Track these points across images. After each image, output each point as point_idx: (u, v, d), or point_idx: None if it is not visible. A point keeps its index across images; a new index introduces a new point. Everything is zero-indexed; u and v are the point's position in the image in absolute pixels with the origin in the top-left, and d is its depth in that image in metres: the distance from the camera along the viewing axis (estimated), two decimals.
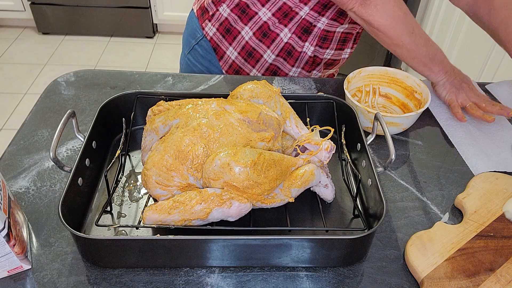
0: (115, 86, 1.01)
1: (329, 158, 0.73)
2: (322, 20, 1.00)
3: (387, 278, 0.64)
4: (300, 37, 1.03)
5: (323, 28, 1.01)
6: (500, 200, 0.74)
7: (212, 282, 0.63)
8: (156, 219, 0.64)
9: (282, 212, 0.71)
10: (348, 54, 1.10)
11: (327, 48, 1.06)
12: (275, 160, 0.66)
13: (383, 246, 0.69)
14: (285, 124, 0.76)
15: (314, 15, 1.00)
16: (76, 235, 0.59)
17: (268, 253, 0.63)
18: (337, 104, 0.84)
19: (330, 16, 1.00)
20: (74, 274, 0.63)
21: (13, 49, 3.02)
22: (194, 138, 0.66)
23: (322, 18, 1.00)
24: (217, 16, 1.07)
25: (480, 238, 0.68)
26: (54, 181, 0.77)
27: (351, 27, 1.04)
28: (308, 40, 1.03)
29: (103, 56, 2.98)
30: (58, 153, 0.83)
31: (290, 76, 1.09)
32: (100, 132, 0.79)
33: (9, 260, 0.61)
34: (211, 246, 0.61)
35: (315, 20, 1.00)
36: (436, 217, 0.74)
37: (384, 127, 0.73)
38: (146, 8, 3.04)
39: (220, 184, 0.64)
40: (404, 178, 0.81)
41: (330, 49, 1.06)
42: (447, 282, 0.62)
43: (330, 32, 1.03)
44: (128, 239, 0.62)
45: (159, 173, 0.66)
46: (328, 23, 1.01)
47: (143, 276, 0.63)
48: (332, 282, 0.64)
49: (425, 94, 0.90)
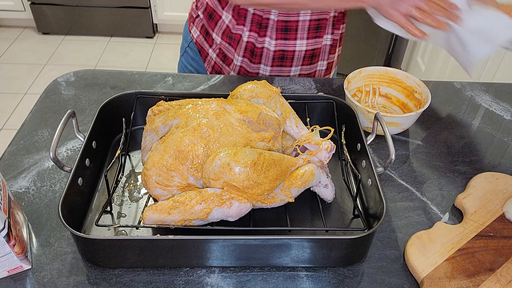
0: (115, 86, 1.01)
1: (329, 158, 0.73)
2: (272, 11, 0.97)
3: (387, 278, 0.64)
4: (258, 32, 1.01)
5: (278, 19, 0.98)
6: (500, 200, 0.74)
7: (212, 282, 0.63)
8: (156, 219, 0.64)
9: (282, 212, 0.71)
10: (330, 40, 1.06)
11: (296, 39, 1.02)
12: (275, 160, 0.66)
13: (383, 246, 0.69)
14: (285, 124, 0.76)
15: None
16: (76, 235, 0.59)
17: (268, 253, 0.63)
18: (337, 104, 0.84)
19: None
20: (74, 274, 0.63)
21: (13, 49, 3.02)
22: (194, 138, 0.66)
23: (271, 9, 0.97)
24: (198, 20, 1.10)
25: (480, 238, 0.68)
26: (54, 181, 0.77)
27: (320, 12, 1.00)
28: (267, 34, 1.01)
29: (103, 56, 2.98)
30: (58, 153, 0.83)
31: (260, 75, 1.07)
32: (100, 132, 0.79)
33: (9, 260, 0.61)
34: (211, 246, 0.61)
35: (264, 12, 0.98)
36: (436, 217, 0.74)
37: (384, 127, 0.73)
38: (146, 8, 3.04)
39: (220, 184, 0.64)
40: (404, 178, 0.81)
41: (301, 39, 1.02)
42: (447, 282, 0.62)
43: (291, 22, 0.99)
44: (128, 239, 0.62)
45: (159, 173, 0.66)
46: (281, 13, 0.98)
47: (143, 276, 0.63)
48: (332, 282, 0.64)
49: (425, 94, 0.90)
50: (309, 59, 1.07)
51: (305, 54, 1.05)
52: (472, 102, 1.02)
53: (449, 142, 0.90)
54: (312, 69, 1.10)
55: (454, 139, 0.91)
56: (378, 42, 2.53)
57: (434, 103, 1.00)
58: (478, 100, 1.03)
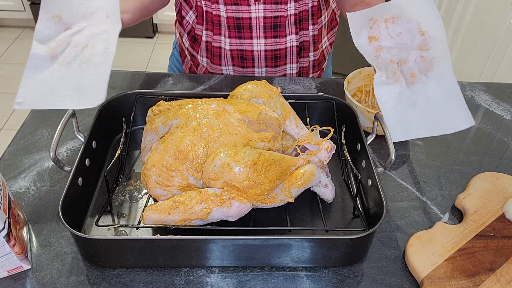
0: (115, 86, 1.01)
1: (329, 158, 0.73)
2: (219, 7, 0.95)
3: (387, 278, 0.64)
4: (212, 31, 0.99)
5: (227, 16, 0.95)
6: (500, 200, 0.74)
7: (212, 282, 0.63)
8: (156, 219, 0.64)
9: (282, 212, 0.71)
10: (296, 41, 1.00)
11: (252, 38, 0.99)
12: (275, 160, 0.66)
13: (383, 246, 0.69)
14: (285, 124, 0.76)
15: (208, 3, 0.96)
16: (76, 235, 0.59)
17: (268, 253, 0.63)
18: (337, 104, 0.84)
19: (223, 2, 0.94)
20: (74, 274, 0.63)
21: (13, 49, 3.02)
22: (194, 138, 0.66)
23: (218, 5, 0.95)
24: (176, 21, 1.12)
25: (480, 238, 0.68)
26: (54, 181, 0.77)
27: (274, 9, 0.95)
28: (221, 33, 0.98)
29: None
30: (58, 153, 0.83)
31: (225, 75, 1.06)
32: (100, 132, 0.79)
33: (9, 260, 0.61)
34: (211, 246, 0.61)
35: (213, 9, 0.96)
36: (436, 217, 0.74)
37: (384, 127, 0.73)
38: None
39: (220, 184, 0.64)
40: (404, 178, 0.81)
41: (257, 38, 0.99)
42: (447, 282, 0.62)
43: (242, 19, 0.95)
44: (128, 239, 0.62)
45: (159, 173, 0.66)
46: (229, 9, 0.95)
47: (143, 276, 0.63)
48: (332, 282, 0.64)
49: None
50: (273, 60, 1.03)
51: (266, 55, 1.01)
52: (472, 102, 1.02)
53: (449, 142, 0.90)
54: (279, 72, 1.06)
55: (454, 139, 0.91)
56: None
57: None
58: (478, 100, 1.03)
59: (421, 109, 0.74)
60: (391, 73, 0.75)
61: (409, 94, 0.74)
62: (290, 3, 0.95)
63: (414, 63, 0.77)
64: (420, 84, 0.75)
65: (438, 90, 0.75)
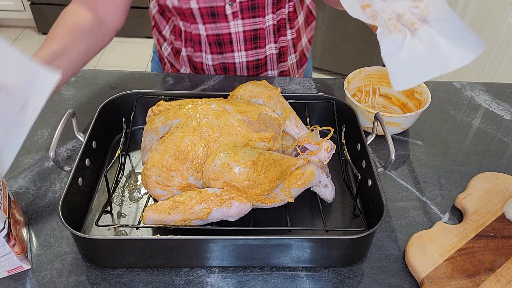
0: (115, 86, 1.01)
1: (329, 158, 0.73)
2: (198, 27, 0.96)
3: (387, 278, 0.64)
4: (193, 47, 1.01)
5: (207, 33, 0.96)
6: (500, 200, 0.74)
7: (212, 282, 0.63)
8: (156, 219, 0.64)
9: (282, 212, 0.71)
10: (276, 49, 1.02)
11: (233, 52, 0.99)
12: (275, 160, 0.66)
13: (383, 246, 0.69)
14: (285, 124, 0.76)
15: (186, 24, 0.96)
16: (76, 235, 0.59)
17: (268, 253, 0.63)
18: (337, 104, 0.84)
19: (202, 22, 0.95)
20: (74, 274, 0.63)
21: None
22: (194, 138, 0.66)
23: (197, 25, 0.96)
24: (154, 30, 1.12)
25: (480, 238, 0.68)
26: (54, 181, 0.77)
27: (252, 23, 0.95)
28: (202, 49, 1.00)
29: (103, 56, 2.98)
30: (58, 153, 0.83)
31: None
32: (100, 132, 0.79)
33: (9, 260, 0.61)
34: (211, 246, 0.61)
35: (191, 28, 0.96)
36: (436, 217, 0.74)
37: (384, 127, 0.73)
38: (146, 8, 3.04)
39: (220, 184, 0.64)
40: (404, 178, 0.81)
41: (238, 51, 0.99)
42: (447, 282, 0.62)
43: (222, 35, 0.96)
44: (128, 239, 0.62)
45: (159, 173, 0.66)
46: (209, 27, 0.95)
47: (143, 276, 0.63)
48: (332, 282, 0.64)
49: (425, 94, 0.90)
50: (254, 69, 1.05)
51: (247, 65, 1.03)
52: (472, 102, 1.02)
53: (449, 142, 0.90)
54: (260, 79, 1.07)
55: (454, 139, 0.91)
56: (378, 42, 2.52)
57: (434, 103, 1.00)
58: (478, 100, 1.03)
59: (431, 49, 0.71)
60: (392, 27, 0.74)
61: (416, 41, 0.72)
62: (268, 15, 0.96)
63: (411, 14, 0.76)
64: (422, 28, 0.73)
65: (441, 27, 0.73)
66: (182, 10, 0.93)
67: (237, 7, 0.92)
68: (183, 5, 0.91)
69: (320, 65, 2.77)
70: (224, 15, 0.93)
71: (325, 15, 2.52)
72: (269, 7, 0.95)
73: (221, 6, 0.91)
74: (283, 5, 0.97)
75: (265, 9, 0.94)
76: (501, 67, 1.76)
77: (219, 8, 0.92)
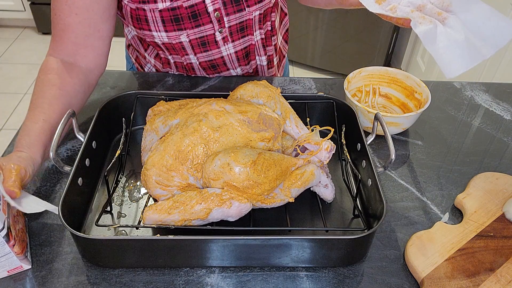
0: (115, 86, 1.01)
1: (329, 158, 0.73)
2: (190, 57, 0.96)
3: (387, 278, 0.64)
4: (187, 73, 1.03)
5: (200, 61, 0.97)
6: (500, 200, 0.74)
7: (212, 282, 0.63)
8: (156, 219, 0.64)
9: (282, 212, 0.71)
10: (265, 60, 1.04)
11: (228, 70, 1.01)
12: (275, 160, 0.66)
13: (383, 246, 0.69)
14: (285, 124, 0.76)
15: (176, 56, 0.97)
16: (76, 235, 0.59)
17: (268, 253, 0.63)
18: (337, 104, 0.84)
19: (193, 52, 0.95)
20: (74, 274, 0.63)
21: (13, 49, 3.02)
22: (194, 138, 0.66)
23: (189, 56, 0.96)
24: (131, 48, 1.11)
25: (480, 238, 0.68)
26: (54, 181, 0.77)
27: (242, 42, 0.96)
28: (196, 73, 1.02)
29: None
30: (58, 153, 0.83)
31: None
32: (100, 132, 0.79)
33: (8, 260, 0.61)
34: (211, 246, 0.61)
35: (183, 59, 0.97)
36: (436, 217, 0.74)
37: (384, 127, 0.73)
38: None
39: (220, 184, 0.64)
40: (404, 178, 0.81)
41: (233, 68, 1.01)
42: (447, 282, 0.62)
43: (215, 59, 0.97)
44: (128, 239, 0.62)
45: (159, 173, 0.66)
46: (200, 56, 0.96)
47: (143, 276, 0.63)
48: (332, 282, 0.64)
49: (425, 94, 0.90)
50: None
51: (242, 75, 1.05)
52: (472, 102, 1.02)
53: (449, 142, 0.90)
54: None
55: (454, 139, 0.91)
56: (378, 42, 2.53)
57: (434, 103, 1.00)
58: (478, 100, 1.03)
59: (469, 35, 0.69)
60: (420, 18, 0.73)
61: (449, 30, 0.71)
62: (256, 31, 0.97)
63: (431, 5, 0.75)
64: (450, 17, 0.72)
65: (469, 15, 0.72)
66: (172, 45, 0.93)
67: (226, 32, 0.93)
68: (173, 40, 0.91)
69: (320, 65, 2.77)
70: (214, 42, 0.94)
71: (325, 15, 2.52)
72: (257, 24, 0.96)
73: (211, 34, 0.92)
74: (268, 18, 0.99)
75: (253, 27, 0.96)
76: (501, 67, 1.76)
77: (209, 37, 0.92)
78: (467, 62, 0.67)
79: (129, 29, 0.99)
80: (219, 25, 0.90)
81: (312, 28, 2.60)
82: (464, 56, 0.68)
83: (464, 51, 0.68)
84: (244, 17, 0.92)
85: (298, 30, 2.63)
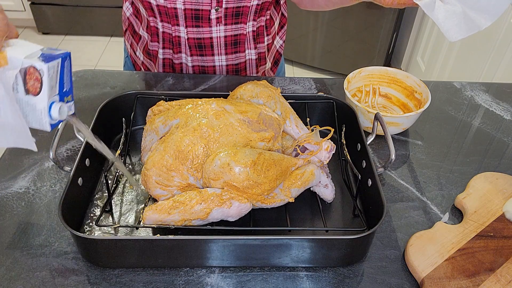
0: (115, 86, 1.01)
1: (329, 158, 0.73)
2: (180, 29, 0.96)
3: (387, 278, 0.64)
4: (172, 49, 1.01)
5: (188, 37, 0.97)
6: (500, 200, 0.74)
7: (212, 282, 0.63)
8: (156, 219, 0.64)
9: (282, 212, 0.71)
10: (255, 54, 1.04)
11: (213, 55, 1.01)
12: (275, 160, 0.66)
13: (383, 246, 0.69)
14: (285, 124, 0.76)
15: (167, 25, 0.96)
16: (76, 235, 0.59)
17: (268, 253, 0.63)
18: (337, 104, 0.84)
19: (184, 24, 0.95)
20: (74, 274, 0.63)
21: None
22: (194, 138, 0.66)
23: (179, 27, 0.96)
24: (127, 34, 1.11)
25: (480, 238, 0.68)
26: (54, 181, 0.77)
27: (234, 28, 0.97)
28: (181, 51, 1.01)
29: (103, 56, 2.98)
30: (58, 153, 0.83)
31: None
32: (100, 132, 0.79)
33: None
34: (211, 246, 0.61)
35: (173, 30, 0.97)
36: (436, 217, 0.74)
37: (384, 127, 0.73)
38: None
39: (220, 184, 0.64)
40: (404, 178, 0.81)
41: (219, 55, 1.01)
42: (447, 282, 0.62)
43: (204, 39, 0.97)
44: (128, 239, 0.62)
45: (159, 173, 0.66)
46: (190, 31, 0.95)
47: (143, 276, 0.63)
48: (332, 282, 0.64)
49: (425, 94, 0.90)
50: (234, 72, 1.07)
51: (227, 69, 1.05)
52: (472, 102, 1.02)
53: (449, 142, 0.90)
54: None
55: (454, 139, 0.91)
56: (378, 42, 2.53)
57: (434, 103, 1.00)
58: (478, 100, 1.03)
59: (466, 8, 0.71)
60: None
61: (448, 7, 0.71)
62: (249, 21, 0.98)
63: None
64: None
65: None
66: (166, 9, 0.92)
67: (221, 13, 0.93)
68: (168, 4, 0.91)
69: (320, 65, 2.77)
70: (208, 19, 0.94)
71: (325, 15, 2.52)
72: (252, 15, 0.97)
73: (207, 10, 0.92)
74: (263, 13, 0.99)
75: (247, 16, 0.96)
76: (501, 67, 1.76)
77: (204, 12, 0.92)
78: (465, 31, 0.70)
79: (127, 4, 1.02)
80: (217, 3, 0.91)
81: (312, 28, 2.60)
82: (461, 26, 0.70)
83: (461, 21, 0.70)
84: (242, 2, 0.92)
85: (298, 30, 2.63)
